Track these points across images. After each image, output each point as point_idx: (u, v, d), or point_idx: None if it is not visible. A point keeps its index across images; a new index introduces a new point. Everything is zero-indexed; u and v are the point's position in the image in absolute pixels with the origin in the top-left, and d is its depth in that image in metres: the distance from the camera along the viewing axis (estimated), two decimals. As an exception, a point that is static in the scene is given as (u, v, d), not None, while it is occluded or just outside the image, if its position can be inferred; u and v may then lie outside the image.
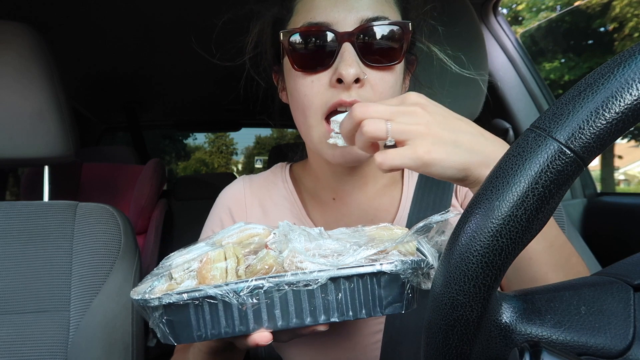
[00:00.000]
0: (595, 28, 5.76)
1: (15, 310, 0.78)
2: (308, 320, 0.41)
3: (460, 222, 0.29)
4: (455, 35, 0.82)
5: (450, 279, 0.28)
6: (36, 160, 0.86)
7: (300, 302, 0.41)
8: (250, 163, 14.68)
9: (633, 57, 0.26)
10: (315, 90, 0.58)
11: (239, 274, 0.42)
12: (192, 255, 0.46)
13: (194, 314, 0.41)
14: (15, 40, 0.83)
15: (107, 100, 2.46)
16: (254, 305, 0.41)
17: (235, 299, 0.40)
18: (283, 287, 0.40)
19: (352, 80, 0.55)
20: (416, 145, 0.43)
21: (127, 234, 0.87)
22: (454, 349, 0.29)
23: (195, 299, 0.40)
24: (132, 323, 0.84)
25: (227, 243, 0.46)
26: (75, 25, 1.52)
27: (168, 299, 0.40)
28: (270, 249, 0.44)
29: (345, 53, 0.55)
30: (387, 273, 0.41)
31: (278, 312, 0.41)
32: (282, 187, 0.73)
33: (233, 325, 0.41)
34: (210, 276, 0.41)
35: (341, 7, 0.57)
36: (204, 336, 0.41)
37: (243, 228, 0.50)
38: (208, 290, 0.40)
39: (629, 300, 0.29)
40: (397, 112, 0.45)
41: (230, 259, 0.43)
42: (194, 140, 15.23)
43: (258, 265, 0.42)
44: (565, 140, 0.26)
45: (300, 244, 0.44)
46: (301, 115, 0.61)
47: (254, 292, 0.40)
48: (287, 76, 0.64)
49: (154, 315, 0.41)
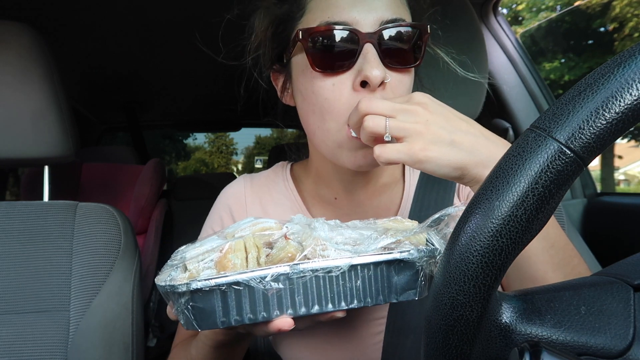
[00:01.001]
0: (595, 28, 5.76)
1: (15, 310, 0.78)
2: (329, 307, 0.43)
3: (460, 222, 0.29)
4: (456, 35, 0.82)
5: (450, 279, 0.28)
6: (36, 160, 0.86)
7: (321, 289, 0.43)
8: (250, 163, 14.69)
9: (633, 57, 0.26)
10: (337, 95, 0.55)
11: (260, 262, 0.43)
12: (206, 248, 0.46)
13: (220, 301, 0.42)
14: (15, 40, 0.83)
15: (107, 100, 2.46)
16: (278, 292, 0.42)
17: (261, 285, 0.41)
18: (307, 274, 0.42)
19: (378, 83, 0.53)
20: (412, 142, 0.45)
21: (127, 234, 0.87)
22: (454, 349, 0.29)
23: (222, 285, 0.41)
24: (132, 323, 0.84)
25: (241, 236, 0.47)
26: (75, 25, 1.52)
27: (195, 284, 0.40)
28: (289, 239, 0.45)
29: (369, 54, 0.54)
30: (404, 261, 0.43)
31: (301, 298, 0.43)
32: (283, 186, 0.73)
33: (256, 312, 0.42)
34: (230, 265, 0.42)
35: (360, 7, 0.55)
36: (227, 322, 0.42)
37: (255, 222, 0.50)
38: (235, 276, 0.41)
39: (629, 300, 0.29)
40: (399, 109, 0.47)
41: (252, 249, 0.43)
42: (194, 140, 15.25)
43: (280, 254, 0.43)
44: (565, 140, 0.26)
45: (325, 232, 0.45)
46: (318, 119, 0.58)
47: (279, 278, 0.41)
48: (298, 77, 0.60)
49: (179, 301, 0.42)
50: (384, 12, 0.56)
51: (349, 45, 0.54)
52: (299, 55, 0.59)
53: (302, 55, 0.58)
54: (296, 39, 0.57)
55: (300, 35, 0.55)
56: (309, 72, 0.57)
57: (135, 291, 0.85)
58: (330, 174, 0.69)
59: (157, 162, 2.11)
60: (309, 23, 0.57)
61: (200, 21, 1.44)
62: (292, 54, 0.60)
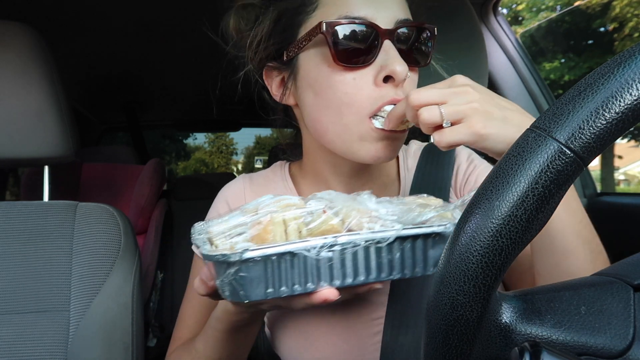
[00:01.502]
0: (595, 28, 5.76)
1: (15, 310, 0.78)
2: (371, 277, 0.45)
3: (460, 222, 0.29)
4: (456, 35, 0.82)
5: (450, 279, 0.28)
6: (36, 160, 0.86)
7: (368, 260, 0.44)
8: (250, 163, 14.69)
9: (633, 57, 0.26)
10: (357, 89, 0.56)
11: (302, 235, 0.44)
12: (233, 223, 0.46)
13: (270, 271, 0.42)
14: (15, 40, 0.83)
15: (107, 100, 2.46)
16: (329, 262, 0.43)
17: (313, 255, 0.42)
18: (358, 244, 0.43)
19: (404, 78, 0.54)
20: (472, 121, 0.46)
21: (127, 234, 0.87)
22: (454, 349, 0.29)
23: (273, 255, 0.41)
24: (132, 323, 0.84)
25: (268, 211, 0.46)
26: (76, 26, 1.52)
27: (248, 254, 0.40)
28: (327, 212, 0.45)
29: (391, 50, 0.55)
30: (441, 234, 0.45)
31: (348, 269, 0.44)
32: (282, 185, 0.73)
33: (304, 282, 0.43)
34: (270, 237, 0.42)
35: (376, 5, 0.56)
36: (273, 293, 0.42)
37: (279, 198, 0.49)
38: (288, 245, 0.41)
39: (629, 300, 0.29)
40: (449, 93, 0.48)
41: (291, 222, 0.44)
42: (194, 140, 15.24)
43: (322, 226, 0.43)
44: (565, 140, 0.26)
45: (373, 204, 0.47)
46: (334, 114, 0.57)
47: (332, 248, 0.42)
48: (310, 72, 0.59)
49: (228, 272, 0.42)
50: (397, 11, 0.57)
51: (370, 41, 0.55)
52: (312, 49, 0.58)
53: (317, 49, 0.57)
54: (318, 31, 0.55)
55: (324, 27, 0.55)
56: (326, 67, 0.57)
57: (135, 291, 0.85)
58: (328, 174, 0.69)
59: (157, 162, 2.11)
60: (324, 17, 0.56)
61: (201, 20, 1.44)
62: (303, 48, 0.58)
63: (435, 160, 0.71)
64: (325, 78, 0.57)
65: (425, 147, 0.75)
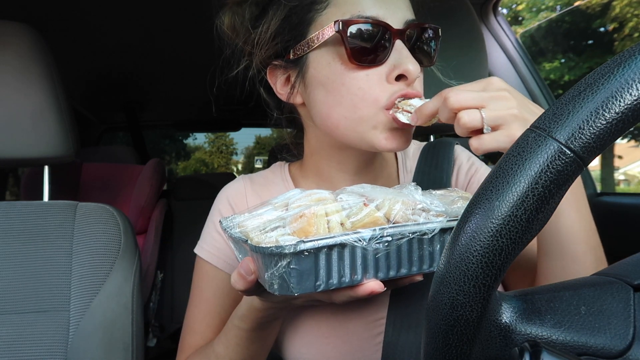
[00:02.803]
0: (595, 28, 5.76)
1: (15, 310, 0.78)
2: (414, 269, 0.45)
3: (460, 222, 0.29)
4: (455, 35, 0.82)
5: (450, 279, 0.28)
6: (36, 160, 0.86)
7: (411, 252, 0.45)
8: (250, 163, 14.69)
9: (633, 57, 0.26)
10: (371, 85, 0.56)
11: (346, 227, 0.43)
12: (268, 217, 0.46)
13: (321, 263, 0.42)
14: (15, 40, 0.83)
15: (107, 100, 2.47)
16: (376, 253, 0.43)
17: (363, 247, 0.42)
18: (406, 236, 0.43)
19: (416, 77, 0.55)
20: (511, 128, 0.46)
21: (127, 234, 0.87)
22: (454, 349, 0.29)
23: (326, 247, 0.41)
24: (132, 323, 0.84)
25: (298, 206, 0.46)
26: (75, 25, 1.52)
27: (303, 245, 0.40)
28: (369, 205, 0.45)
29: (404, 50, 0.56)
30: None
31: (393, 261, 0.44)
32: (283, 186, 0.73)
33: (351, 274, 0.43)
34: (313, 230, 0.42)
35: (387, 5, 0.57)
36: (322, 286, 0.42)
37: (309, 193, 0.49)
38: (340, 237, 0.41)
39: (629, 300, 0.29)
40: (488, 98, 0.47)
41: (335, 215, 0.43)
42: (194, 140, 15.24)
43: (365, 219, 0.43)
44: (565, 140, 0.26)
45: (419, 196, 0.47)
46: (347, 109, 0.58)
47: (381, 239, 0.42)
48: (321, 70, 0.59)
49: (279, 264, 0.41)
50: (406, 12, 0.58)
51: (382, 41, 0.56)
52: (324, 48, 0.58)
53: (330, 47, 0.58)
54: (332, 30, 0.56)
55: (340, 26, 0.55)
56: (339, 65, 0.57)
57: (135, 291, 0.85)
58: (334, 172, 0.69)
59: (157, 162, 2.11)
60: (336, 16, 0.57)
61: (201, 20, 1.44)
62: (315, 47, 0.58)
63: (434, 161, 0.71)
64: (339, 76, 0.57)
65: (423, 148, 0.75)
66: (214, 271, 0.69)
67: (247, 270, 0.48)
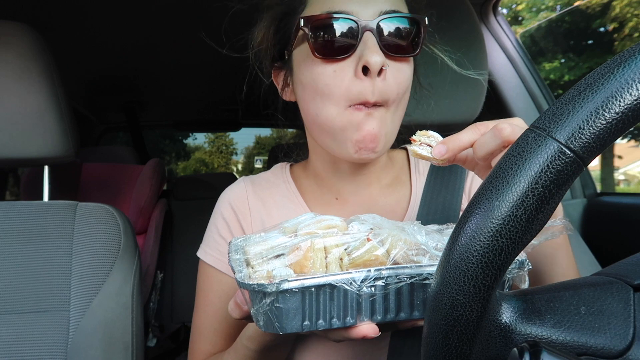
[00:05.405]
0: (595, 28, 5.76)
1: (15, 310, 0.78)
2: (415, 314, 0.41)
3: (460, 222, 0.29)
4: (455, 35, 0.82)
5: (450, 279, 0.28)
6: (36, 160, 0.86)
7: (412, 295, 0.41)
8: (250, 163, 14.70)
9: (633, 57, 0.26)
10: (338, 81, 0.57)
11: (343, 264, 0.41)
12: (271, 244, 0.44)
13: (308, 303, 0.39)
14: (15, 40, 0.83)
15: (107, 100, 2.46)
16: (371, 297, 0.40)
17: (355, 289, 0.39)
18: (403, 280, 0.39)
19: (378, 69, 0.54)
20: None
21: (127, 234, 0.87)
22: (454, 349, 0.29)
23: (313, 287, 0.38)
24: (132, 323, 0.84)
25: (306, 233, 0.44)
26: (75, 25, 1.52)
27: (286, 285, 0.38)
28: (372, 241, 0.42)
29: (369, 42, 0.56)
30: None
31: (392, 304, 0.40)
32: (284, 188, 0.72)
33: (342, 317, 0.40)
34: (310, 265, 0.40)
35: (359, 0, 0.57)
36: (310, 326, 0.40)
37: (320, 219, 0.47)
38: (328, 277, 0.38)
39: (629, 300, 0.29)
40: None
41: (334, 250, 0.41)
42: (194, 140, 15.25)
43: (365, 256, 0.41)
44: (565, 140, 0.26)
45: (422, 237, 0.43)
46: (319, 105, 0.59)
47: (375, 282, 0.39)
48: (299, 67, 0.61)
49: (263, 301, 0.39)
50: (383, 4, 0.58)
51: (349, 34, 0.56)
52: (301, 46, 0.60)
53: (304, 45, 0.59)
54: (298, 27, 0.58)
55: (302, 23, 0.57)
56: (310, 60, 0.58)
57: (135, 291, 0.85)
58: (329, 174, 0.68)
59: (157, 162, 2.11)
60: (310, 14, 0.59)
61: (201, 19, 1.44)
62: (294, 46, 0.61)
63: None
64: (309, 71, 0.59)
65: None
66: (219, 275, 0.69)
67: (242, 300, 0.48)
